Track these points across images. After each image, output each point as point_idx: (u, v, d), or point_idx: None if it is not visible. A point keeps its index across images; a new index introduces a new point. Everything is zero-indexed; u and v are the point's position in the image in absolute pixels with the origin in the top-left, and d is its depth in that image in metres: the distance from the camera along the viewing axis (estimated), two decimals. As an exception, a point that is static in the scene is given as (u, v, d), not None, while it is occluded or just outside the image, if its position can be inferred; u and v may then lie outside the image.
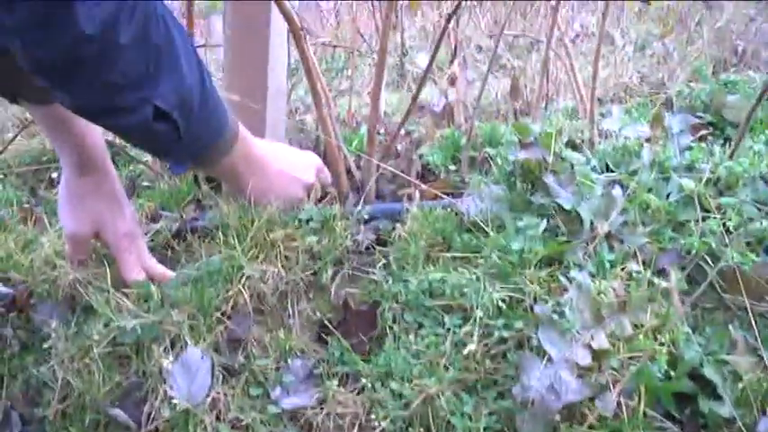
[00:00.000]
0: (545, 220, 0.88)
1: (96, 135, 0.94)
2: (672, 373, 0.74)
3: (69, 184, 0.95)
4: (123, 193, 0.97)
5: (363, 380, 0.81)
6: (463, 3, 1.35)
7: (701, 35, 2.20)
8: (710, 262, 0.86)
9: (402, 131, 1.30)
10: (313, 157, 1.05)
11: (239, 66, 1.17)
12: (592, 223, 0.88)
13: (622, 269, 0.84)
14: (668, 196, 0.94)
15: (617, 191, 0.92)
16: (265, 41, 1.14)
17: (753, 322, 0.81)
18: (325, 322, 0.87)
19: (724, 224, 0.88)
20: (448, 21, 1.12)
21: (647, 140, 1.09)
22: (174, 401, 0.79)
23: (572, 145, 1.05)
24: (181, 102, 0.76)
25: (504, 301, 0.79)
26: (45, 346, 0.88)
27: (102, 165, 0.95)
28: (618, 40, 2.38)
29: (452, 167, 1.18)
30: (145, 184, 1.35)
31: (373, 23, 2.08)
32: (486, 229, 0.89)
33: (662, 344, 0.76)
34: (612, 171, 1.03)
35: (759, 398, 0.73)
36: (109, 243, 0.96)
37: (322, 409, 0.80)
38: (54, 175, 1.47)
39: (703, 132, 1.08)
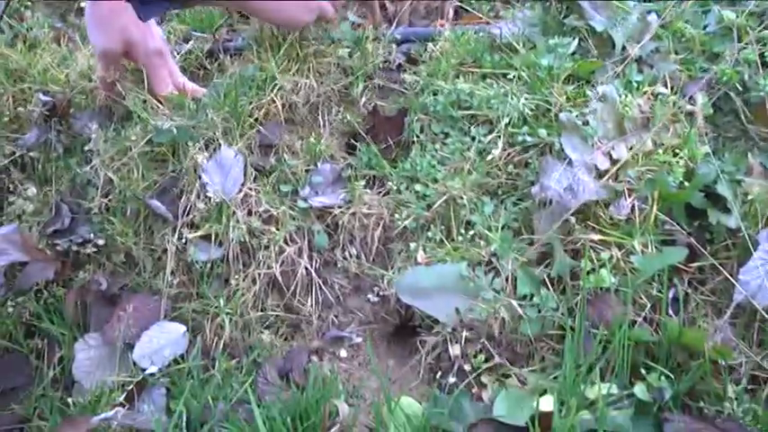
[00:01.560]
0: (576, 41, 0.87)
1: None
2: (686, 185, 0.77)
3: (97, 3, 0.95)
4: None
5: (389, 183, 0.84)
6: None
7: None
8: (740, 92, 0.86)
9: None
10: None
11: None
12: (624, 47, 0.88)
13: (649, 90, 0.84)
14: (705, 28, 0.92)
15: (652, 17, 0.90)
16: None
17: (772, 151, 0.82)
18: (355, 127, 0.90)
19: (761, 54, 0.87)
20: None
21: (690, -21, 1.05)
22: (209, 194, 0.84)
23: (611, -24, 1.01)
24: None
25: (530, 110, 0.81)
26: (86, 148, 0.92)
27: None
28: None
29: (486, 6, 1.15)
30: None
31: None
32: (517, 47, 0.89)
33: (680, 158, 0.78)
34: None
35: (767, 211, 0.76)
36: (139, 60, 0.97)
37: (349, 208, 0.84)
38: (83, 4, 1.45)
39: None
